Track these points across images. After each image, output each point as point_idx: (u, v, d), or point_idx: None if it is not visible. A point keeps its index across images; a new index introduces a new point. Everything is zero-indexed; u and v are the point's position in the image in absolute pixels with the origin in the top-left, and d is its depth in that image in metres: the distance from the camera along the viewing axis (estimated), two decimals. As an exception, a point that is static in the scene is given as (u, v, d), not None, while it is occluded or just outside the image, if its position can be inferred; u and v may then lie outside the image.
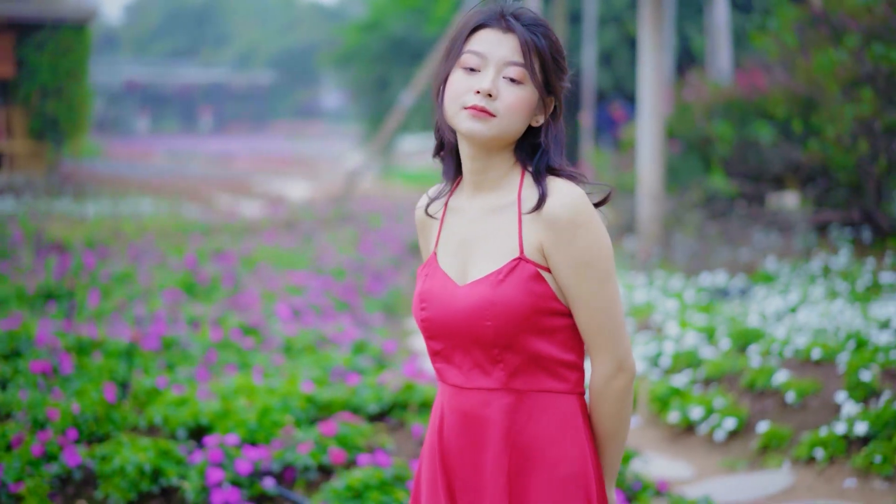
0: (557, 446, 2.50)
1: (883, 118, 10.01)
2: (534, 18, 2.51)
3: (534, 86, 2.47)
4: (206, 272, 10.31)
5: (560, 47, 2.53)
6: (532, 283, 2.45)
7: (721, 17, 18.01)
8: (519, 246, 2.48)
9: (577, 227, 2.43)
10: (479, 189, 2.57)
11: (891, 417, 5.84)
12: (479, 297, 2.46)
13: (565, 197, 2.45)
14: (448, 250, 2.60)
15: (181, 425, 5.05)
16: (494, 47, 2.47)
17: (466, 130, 2.48)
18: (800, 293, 9.02)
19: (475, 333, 2.47)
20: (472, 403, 2.51)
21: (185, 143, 46.94)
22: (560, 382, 2.52)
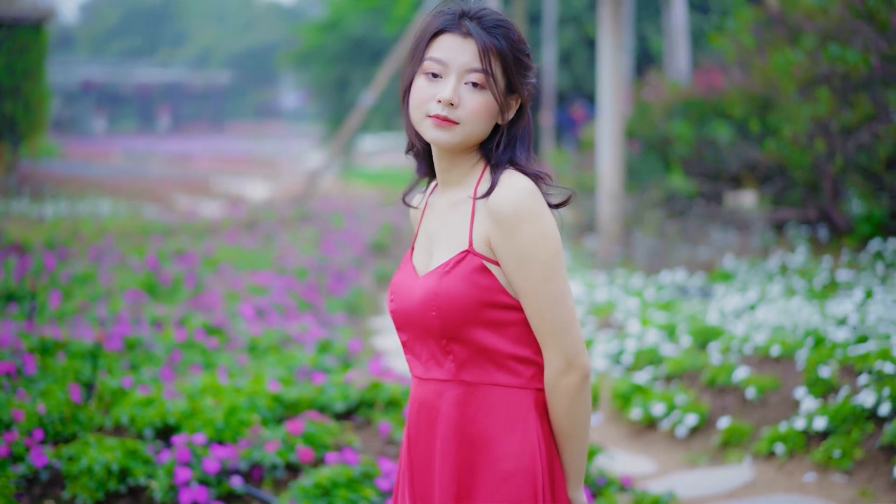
0: (505, 441, 2.50)
1: (839, 118, 10.14)
2: (494, 19, 2.51)
3: (496, 89, 2.49)
4: (167, 273, 10.30)
5: (522, 45, 2.53)
6: (477, 276, 2.47)
7: (679, 18, 18.15)
8: (469, 238, 2.50)
9: (519, 220, 2.44)
10: (446, 185, 2.61)
11: (849, 413, 5.94)
12: (426, 289, 2.50)
13: (510, 190, 2.45)
14: (419, 245, 2.66)
15: (148, 425, 5.05)
16: (454, 54, 2.49)
17: (431, 139, 2.52)
18: (758, 291, 9.13)
19: (425, 324, 2.51)
20: (428, 393, 2.55)
21: (143, 143, 46.66)
22: (512, 377, 2.52)
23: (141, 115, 63.43)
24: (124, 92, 61.97)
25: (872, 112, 9.80)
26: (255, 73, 69.08)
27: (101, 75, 59.90)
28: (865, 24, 9.62)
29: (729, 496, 5.70)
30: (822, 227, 12.11)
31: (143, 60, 69.24)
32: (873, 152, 9.94)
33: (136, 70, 63.81)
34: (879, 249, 10.09)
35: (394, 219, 17.03)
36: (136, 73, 62.77)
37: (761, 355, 7.12)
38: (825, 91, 10.23)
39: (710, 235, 12.21)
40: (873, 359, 6.23)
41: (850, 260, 10.03)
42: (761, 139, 12.45)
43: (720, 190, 13.69)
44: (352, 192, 23.64)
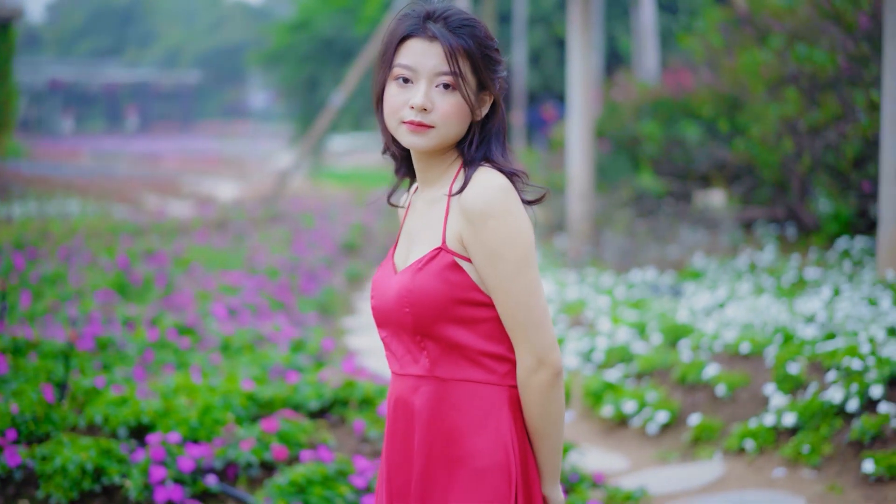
0: (478, 437, 2.51)
1: (806, 118, 10.24)
2: (459, 19, 2.51)
3: (466, 89, 2.51)
4: (138, 273, 10.27)
5: (490, 42, 2.53)
6: (448, 273, 2.49)
7: (647, 18, 18.24)
8: (442, 236, 2.52)
9: (489, 217, 2.45)
10: (425, 184, 2.64)
11: (818, 409, 6.01)
12: (400, 285, 2.52)
13: (482, 187, 2.47)
14: (401, 242, 2.68)
15: (122, 424, 5.06)
16: (422, 58, 2.50)
17: (408, 144, 2.55)
18: (727, 289, 9.20)
19: (400, 321, 2.53)
20: (405, 389, 2.57)
21: (111, 143, 46.45)
22: (486, 373, 2.54)
23: (109, 115, 63.12)
24: (92, 92, 61.64)
25: (839, 112, 9.91)
26: (223, 72, 68.88)
27: (68, 75, 59.56)
28: (832, 25, 9.72)
29: (700, 492, 5.76)
30: (790, 225, 12.22)
31: (110, 60, 68.88)
32: (840, 151, 10.04)
33: (104, 70, 63.48)
34: (847, 248, 10.19)
35: (365, 219, 17.04)
36: (103, 72, 62.45)
37: (731, 353, 7.18)
38: (793, 91, 10.32)
39: (680, 234, 12.29)
40: (841, 355, 6.30)
41: (817, 258, 10.13)
42: (730, 139, 12.55)
43: (689, 189, 13.79)
44: (322, 192, 23.63)
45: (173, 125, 62.45)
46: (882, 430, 5.67)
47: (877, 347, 6.33)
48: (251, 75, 62.69)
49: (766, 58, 10.77)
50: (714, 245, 11.79)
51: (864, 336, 6.57)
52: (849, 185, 10.50)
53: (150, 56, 71.11)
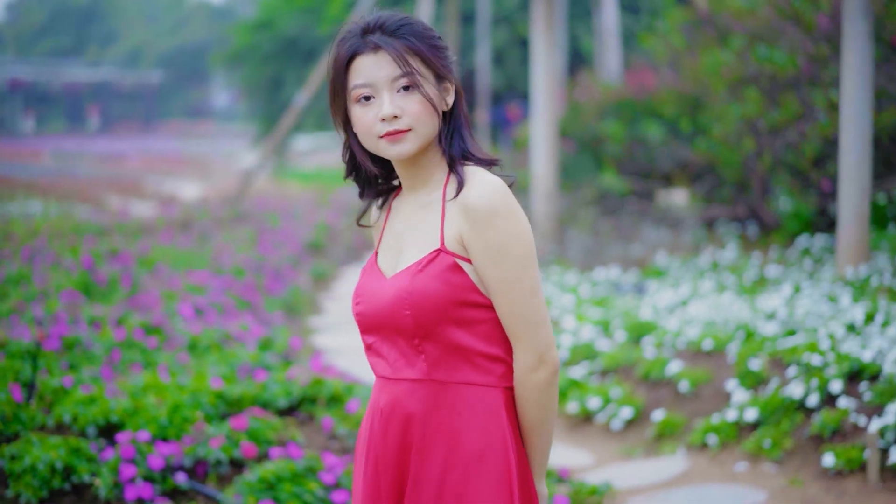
0: (479, 439, 2.51)
1: (767, 117, 10.37)
2: (395, 22, 2.53)
3: (426, 85, 2.52)
4: (103, 273, 10.25)
5: (429, 32, 2.55)
6: (449, 274, 2.49)
7: (610, 19, 18.36)
8: (440, 238, 2.52)
9: (493, 215, 2.46)
10: (413, 189, 2.64)
11: (779, 404, 6.11)
12: (398, 288, 2.51)
13: (483, 187, 2.49)
14: (385, 248, 2.67)
15: (91, 423, 5.07)
16: (375, 71, 2.51)
17: (394, 155, 2.54)
18: (690, 287, 9.31)
19: (397, 324, 2.52)
20: (398, 394, 2.55)
21: (73, 143, 46.14)
22: (483, 375, 2.54)
23: (70, 115, 62.70)
24: (53, 91, 61.21)
25: (799, 111, 10.04)
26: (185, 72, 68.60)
27: (28, 74, 59.10)
28: (792, 26, 9.85)
29: (664, 486, 5.85)
30: (751, 224, 12.36)
31: (71, 60, 68.41)
32: (800, 151, 10.17)
33: (65, 69, 63.04)
34: (807, 246, 10.32)
35: (329, 218, 17.06)
36: (64, 72, 62.02)
37: (693, 349, 7.28)
38: (754, 91, 10.45)
39: (643, 233, 12.41)
40: (801, 351, 6.41)
41: (778, 256, 10.26)
42: (692, 138, 12.69)
43: (652, 188, 13.91)
44: (286, 192, 23.61)
45: (135, 125, 62.12)
46: (841, 425, 5.78)
47: (836, 343, 6.44)
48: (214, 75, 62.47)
49: (727, 58, 10.89)
50: (677, 243, 11.91)
51: (823, 332, 6.68)
52: (809, 184, 10.64)
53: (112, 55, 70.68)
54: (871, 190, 8.66)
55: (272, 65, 28.96)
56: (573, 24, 25.16)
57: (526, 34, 23.43)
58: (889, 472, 5.39)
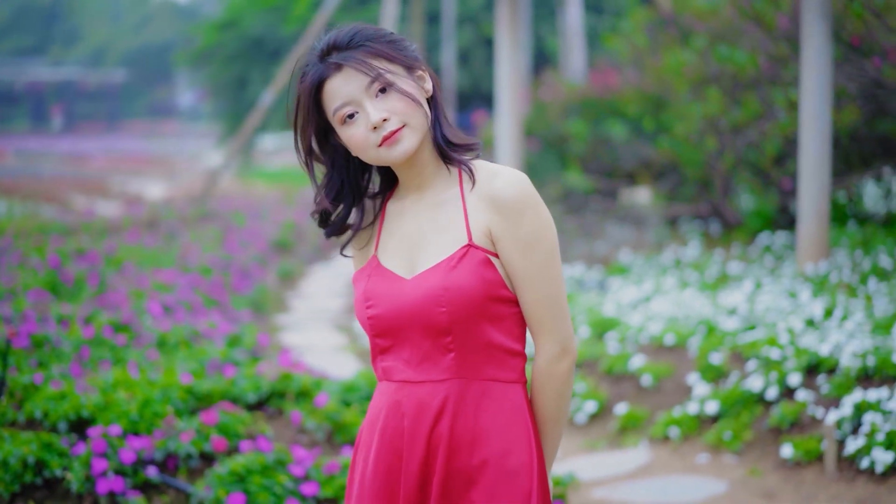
0: (505, 437, 2.49)
1: (728, 116, 10.51)
2: (346, 34, 2.52)
3: (399, 80, 2.50)
4: (70, 272, 10.26)
5: (380, 32, 2.54)
6: (483, 269, 2.48)
7: (574, 19, 18.49)
8: (467, 233, 2.50)
9: (525, 207, 2.47)
10: (419, 188, 2.60)
11: (739, 397, 6.25)
12: (431, 285, 2.47)
13: (509, 177, 2.49)
14: (390, 250, 2.61)
15: (62, 418, 5.12)
16: (347, 88, 2.50)
17: (397, 157, 2.51)
18: (653, 283, 9.44)
19: (427, 322, 2.48)
20: (422, 395, 2.51)
21: (36, 142, 45.89)
22: (507, 371, 2.53)
23: (33, 115, 62.30)
24: (16, 91, 60.81)
25: (760, 110, 10.19)
26: (150, 71, 68.28)
27: (-10, 74, 58.71)
28: (753, 26, 9.99)
29: (627, 478, 5.97)
30: (713, 221, 12.52)
31: (34, 59, 67.93)
32: (761, 149, 10.32)
33: (28, 68, 62.61)
34: (768, 243, 10.48)
35: (296, 217, 17.11)
36: (27, 71, 61.61)
37: (656, 344, 7.41)
38: (715, 90, 10.59)
39: (607, 231, 12.54)
40: (761, 345, 6.55)
41: (740, 253, 10.40)
42: (655, 137, 12.82)
43: (616, 187, 14.05)
44: (252, 191, 23.61)
45: (99, 125, 61.81)
46: (799, 417, 5.92)
47: (795, 338, 6.58)
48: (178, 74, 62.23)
49: (690, 58, 11.03)
50: (640, 241, 12.05)
51: (783, 327, 6.83)
52: (770, 182, 10.79)
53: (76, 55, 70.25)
54: (830, 187, 8.82)
55: (237, 64, 28.95)
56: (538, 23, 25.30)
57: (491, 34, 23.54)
58: (845, 462, 5.53)
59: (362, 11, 24.46)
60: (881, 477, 5.33)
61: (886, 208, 10.89)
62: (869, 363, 5.90)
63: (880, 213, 10.86)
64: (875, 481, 5.33)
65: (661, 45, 12.13)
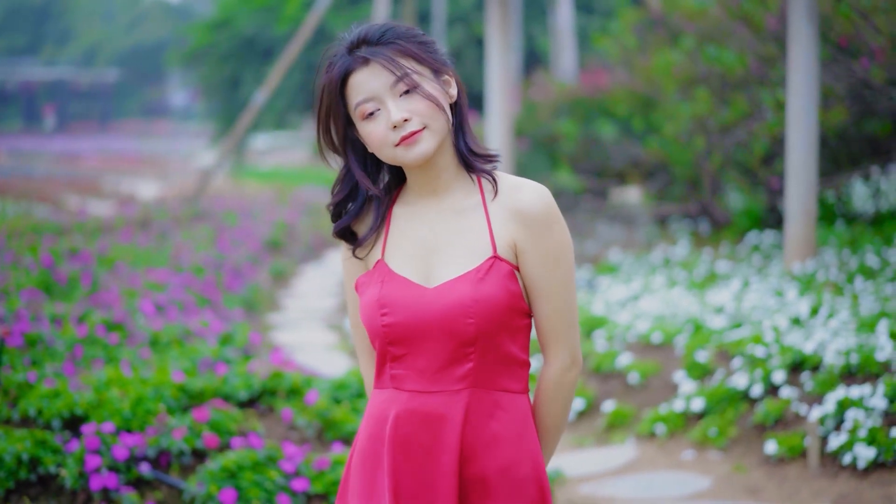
0: (516, 447, 2.50)
1: (717, 116, 10.60)
2: (376, 30, 2.50)
3: (425, 82, 2.48)
4: (63, 272, 10.32)
5: (413, 32, 2.52)
6: (507, 281, 2.48)
7: (565, 19, 18.55)
8: (491, 244, 2.49)
9: (552, 221, 2.49)
10: (434, 193, 2.58)
11: (724, 394, 6.33)
12: (459, 296, 2.46)
13: (536, 191, 2.50)
14: (401, 256, 2.57)
15: (56, 416, 5.19)
16: (372, 84, 2.48)
17: (414, 158, 2.48)
18: (642, 282, 9.52)
19: (452, 333, 2.47)
20: (435, 405, 2.50)
21: (29, 142, 45.86)
22: (516, 382, 2.53)
23: (26, 114, 62.26)
24: (8, 90, 60.79)
25: (748, 110, 10.27)
26: (142, 71, 68.25)
27: (-17, 73, 58.66)
28: (741, 26, 10.08)
29: (614, 474, 6.05)
30: (702, 221, 12.60)
31: (27, 58, 67.89)
32: (750, 149, 10.40)
33: (20, 68, 62.59)
34: (756, 242, 10.57)
35: (288, 217, 17.17)
36: (19, 71, 61.58)
37: (643, 342, 7.50)
38: (704, 90, 10.67)
39: (597, 230, 12.62)
40: (746, 343, 6.64)
41: (729, 252, 10.49)
42: (644, 137, 12.90)
43: (606, 186, 14.14)
44: (244, 191, 23.65)
45: (92, 124, 61.77)
46: (784, 414, 6.00)
47: (780, 336, 6.67)
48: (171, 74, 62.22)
49: (678, 58, 11.12)
50: (630, 240, 12.13)
51: (768, 325, 6.91)
52: (758, 181, 10.88)
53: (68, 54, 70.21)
54: (817, 187, 8.90)
55: (230, 64, 29.00)
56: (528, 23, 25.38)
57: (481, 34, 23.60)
58: (828, 458, 5.61)
59: (353, 11, 24.53)
60: (863, 472, 5.41)
61: (874, 208, 10.98)
62: (852, 361, 5.98)
63: (868, 213, 10.95)
64: (857, 477, 5.41)
65: (651, 46, 12.21)
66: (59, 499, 4.82)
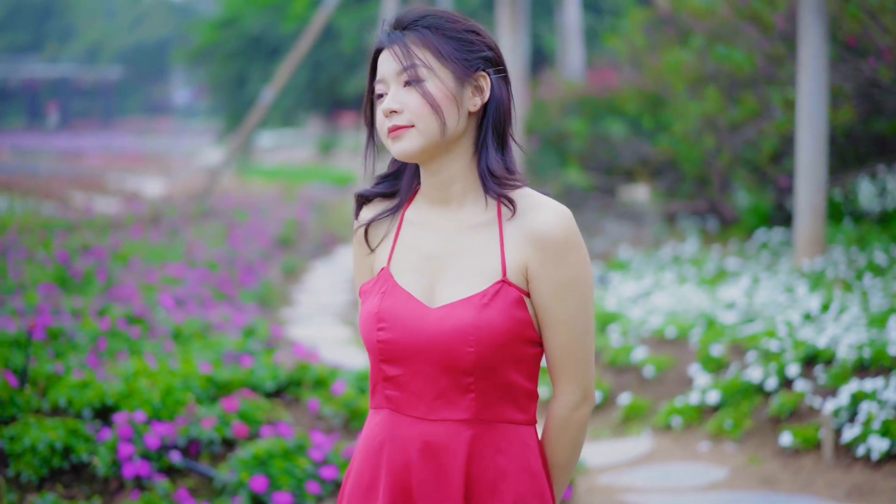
0: (522, 480, 2.35)
1: (726, 115, 10.68)
2: (416, 14, 2.36)
3: (432, 79, 2.32)
4: (78, 267, 10.42)
5: (451, 24, 2.35)
6: (514, 309, 2.30)
7: (572, 18, 18.63)
8: (501, 267, 2.33)
9: (569, 248, 2.31)
10: (446, 204, 2.41)
11: (739, 387, 6.44)
12: (460, 321, 2.29)
13: (555, 214, 2.32)
14: (407, 267, 2.41)
15: (86, 406, 5.28)
16: (385, 67, 2.36)
17: (396, 153, 2.36)
18: (653, 279, 9.62)
19: (450, 360, 2.30)
20: (436, 435, 2.34)
21: (32, 139, 45.89)
22: (522, 413, 2.37)
23: (29, 112, 62.33)
24: (11, 88, 60.85)
25: (757, 109, 10.36)
26: (144, 68, 68.33)
27: (-14, 71, 58.75)
28: (750, 25, 10.17)
29: (631, 465, 6.15)
30: (711, 218, 12.70)
31: (29, 56, 67.95)
32: (758, 147, 10.49)
33: (23, 65, 62.62)
34: (765, 239, 10.67)
35: (297, 214, 17.28)
36: (22, 68, 61.62)
37: (658, 337, 7.60)
38: (713, 89, 10.76)
39: (606, 227, 12.71)
40: (760, 338, 6.74)
41: (737, 249, 10.59)
42: (653, 135, 12.98)
43: (614, 184, 14.23)
44: (250, 189, 23.74)
45: (95, 122, 61.83)
46: (798, 406, 6.11)
47: (793, 330, 6.77)
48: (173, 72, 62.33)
49: (688, 57, 11.20)
50: (639, 237, 12.23)
51: (781, 320, 7.01)
52: (766, 179, 10.98)
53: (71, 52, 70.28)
54: (826, 185, 9.00)
55: (236, 62, 29.10)
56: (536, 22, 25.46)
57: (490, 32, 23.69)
58: (842, 449, 5.71)
59: (361, 10, 24.61)
60: (877, 464, 5.52)
61: (881, 206, 11.08)
62: (865, 355, 6.08)
63: (875, 211, 11.05)
64: (871, 468, 5.52)
65: (660, 45, 12.30)
66: (91, 486, 4.92)
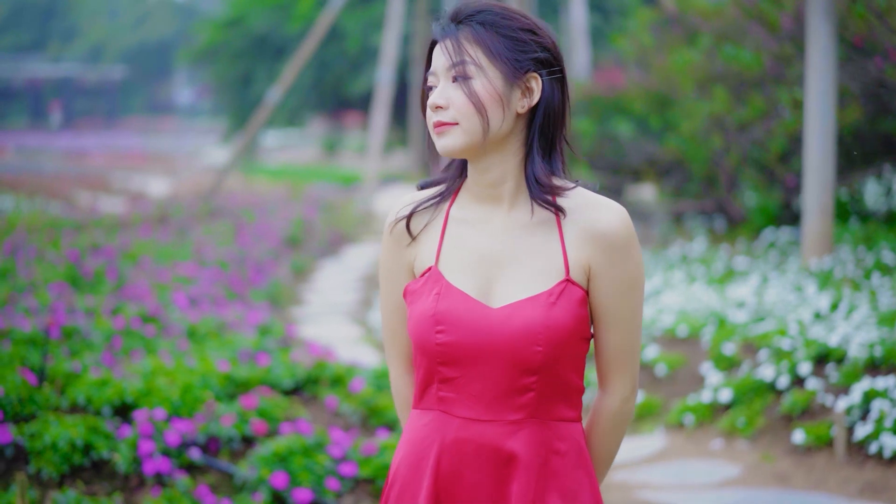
0: (577, 476, 2.35)
1: (734, 115, 10.72)
2: (473, 8, 2.33)
3: (480, 77, 2.29)
4: (89, 266, 10.46)
5: (510, 22, 2.32)
6: (578, 308, 2.31)
7: (579, 18, 18.67)
8: (565, 266, 2.32)
9: (631, 247, 2.33)
10: (496, 202, 2.38)
11: (751, 385, 6.48)
12: (528, 321, 2.28)
13: (616, 213, 2.33)
14: (457, 266, 2.38)
15: (106, 403, 5.33)
16: (438, 60, 2.34)
17: (439, 149, 2.34)
18: (662, 278, 9.66)
19: (517, 360, 2.29)
20: (493, 435, 2.32)
21: (35, 139, 45.96)
22: (573, 410, 2.37)
23: (32, 111, 62.41)
24: (14, 87, 60.91)
25: (765, 109, 10.40)
26: (148, 68, 68.40)
27: (-11, 70, 58.82)
28: (757, 26, 10.21)
29: (645, 462, 6.20)
30: (718, 218, 12.74)
31: (32, 55, 68.02)
32: (766, 147, 10.53)
33: (26, 65, 62.68)
34: (773, 239, 10.71)
35: (304, 213, 17.32)
36: (26, 67, 61.67)
37: (669, 336, 7.65)
38: (721, 89, 10.80)
39: (613, 227, 12.74)
40: (772, 336, 6.78)
41: (745, 248, 10.63)
42: (661, 135, 13.02)
43: (622, 183, 14.27)
44: (256, 188, 23.78)
45: (98, 121, 61.89)
46: (810, 404, 6.15)
47: (804, 329, 6.82)
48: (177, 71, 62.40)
49: (695, 57, 11.24)
50: (646, 237, 12.27)
51: (792, 318, 7.06)
52: (774, 179, 11.02)
53: (74, 51, 70.33)
54: (834, 184, 9.04)
55: (242, 61, 29.17)
56: (540, 22, 25.49)
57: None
58: (855, 447, 5.76)
59: (367, 9, 24.65)
60: (889, 461, 5.56)
61: (887, 206, 11.12)
62: (876, 353, 6.13)
63: (881, 211, 11.10)
64: (883, 465, 5.56)
65: (667, 45, 12.34)
66: (112, 483, 4.96)
